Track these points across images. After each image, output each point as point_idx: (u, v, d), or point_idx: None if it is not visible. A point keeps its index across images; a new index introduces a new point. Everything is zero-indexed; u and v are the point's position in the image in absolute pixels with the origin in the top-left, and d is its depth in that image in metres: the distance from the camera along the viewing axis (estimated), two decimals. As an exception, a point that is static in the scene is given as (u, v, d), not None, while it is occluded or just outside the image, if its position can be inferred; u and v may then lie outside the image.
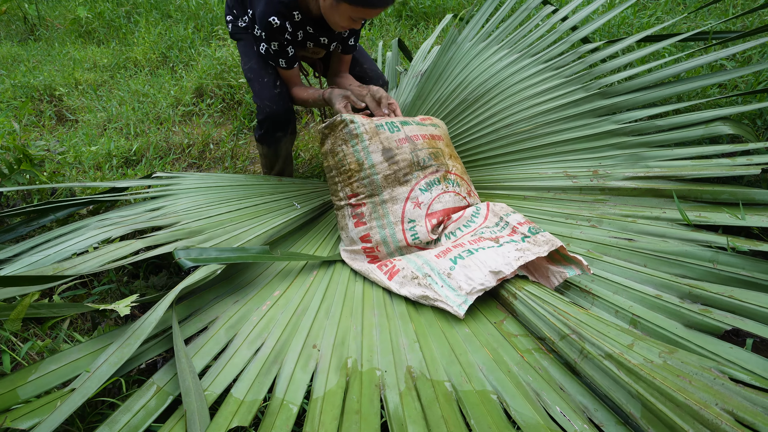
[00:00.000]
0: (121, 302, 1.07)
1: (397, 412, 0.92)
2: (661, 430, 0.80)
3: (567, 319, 1.03)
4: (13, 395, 0.87)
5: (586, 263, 1.22)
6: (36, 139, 2.31)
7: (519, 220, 1.38)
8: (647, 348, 0.94)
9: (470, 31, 2.43)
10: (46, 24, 4.45)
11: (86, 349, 0.99)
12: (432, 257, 1.31)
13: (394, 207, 1.46)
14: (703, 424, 0.75)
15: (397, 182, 1.47)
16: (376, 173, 1.47)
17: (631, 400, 0.85)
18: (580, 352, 0.96)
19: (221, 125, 2.82)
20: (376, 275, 1.35)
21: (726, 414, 0.77)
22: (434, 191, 1.49)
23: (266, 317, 1.19)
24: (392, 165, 1.47)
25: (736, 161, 1.40)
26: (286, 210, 1.66)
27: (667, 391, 0.81)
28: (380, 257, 1.46)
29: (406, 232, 1.44)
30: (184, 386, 0.92)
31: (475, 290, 1.17)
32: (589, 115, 1.78)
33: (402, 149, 1.50)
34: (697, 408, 0.77)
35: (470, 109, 2.03)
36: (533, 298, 1.12)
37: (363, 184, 1.48)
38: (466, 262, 1.23)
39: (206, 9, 4.04)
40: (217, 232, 1.42)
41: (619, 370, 0.89)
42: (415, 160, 1.50)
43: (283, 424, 0.90)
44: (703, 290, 1.07)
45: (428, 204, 1.46)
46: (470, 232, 1.42)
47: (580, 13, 2.18)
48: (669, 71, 1.72)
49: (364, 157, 1.48)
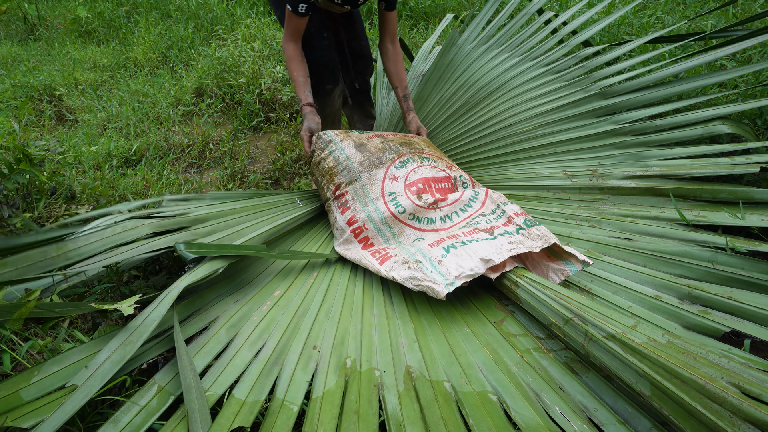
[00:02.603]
0: (124, 302, 1.07)
1: (395, 412, 0.92)
2: (671, 407, 0.80)
3: (569, 304, 1.03)
4: (16, 397, 0.87)
5: (583, 258, 1.20)
6: (36, 139, 2.30)
7: (516, 211, 1.40)
8: (650, 328, 0.93)
9: (470, 34, 2.44)
10: (46, 24, 4.45)
11: (88, 350, 0.99)
12: (426, 246, 1.34)
13: (374, 187, 1.55)
14: (710, 398, 0.75)
15: (372, 166, 1.58)
16: (351, 162, 1.62)
17: (640, 380, 0.85)
18: (585, 334, 0.96)
19: (221, 125, 2.82)
20: (369, 261, 1.36)
21: (732, 387, 0.76)
22: (409, 166, 1.59)
23: (267, 318, 1.19)
24: (365, 153, 1.63)
25: (735, 160, 1.40)
26: (289, 207, 1.67)
27: (672, 368, 0.81)
28: (370, 237, 1.48)
29: (388, 203, 1.50)
30: (186, 386, 0.92)
31: (463, 275, 1.18)
32: (589, 115, 1.78)
33: (372, 141, 1.68)
34: (702, 382, 0.77)
35: (471, 112, 2.03)
36: (535, 285, 1.12)
37: (342, 174, 1.62)
38: (459, 251, 1.25)
39: (206, 9, 4.03)
40: (220, 225, 1.42)
41: (624, 350, 0.89)
42: (386, 146, 1.65)
43: (283, 424, 0.90)
44: (702, 291, 1.08)
45: (405, 176, 1.55)
46: (467, 217, 1.44)
47: (580, 18, 2.18)
48: (669, 71, 1.72)
49: (339, 153, 1.66)
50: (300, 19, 1.75)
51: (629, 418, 0.88)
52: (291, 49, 1.82)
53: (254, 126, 2.77)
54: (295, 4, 1.71)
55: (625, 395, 0.92)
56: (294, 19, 1.75)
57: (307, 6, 1.71)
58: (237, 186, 2.25)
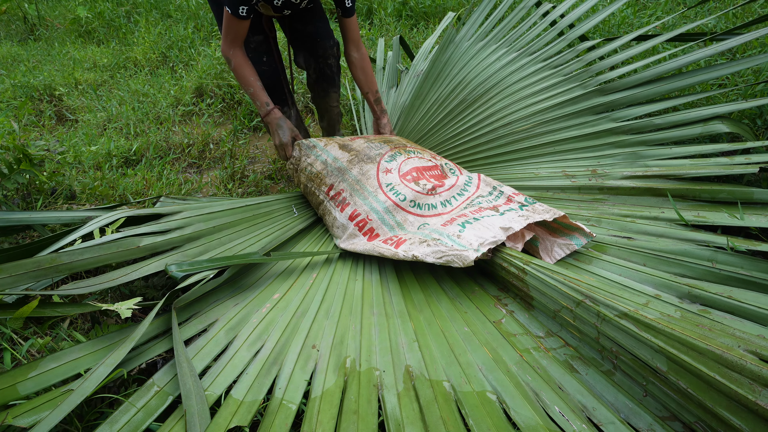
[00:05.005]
0: (123, 304, 1.08)
1: (394, 412, 0.92)
2: (688, 380, 0.80)
3: (578, 286, 1.03)
4: (12, 391, 0.88)
5: (588, 229, 1.27)
6: (36, 139, 2.31)
7: (513, 191, 1.45)
8: (662, 305, 0.93)
9: (468, 31, 2.43)
10: (46, 24, 4.45)
11: (86, 348, 1.00)
12: (438, 226, 1.37)
13: (369, 181, 1.57)
14: (728, 367, 0.75)
15: (362, 162, 1.61)
16: (339, 162, 1.65)
17: (656, 355, 0.85)
18: (597, 315, 0.96)
19: (221, 125, 2.82)
20: (382, 248, 1.37)
21: (750, 354, 0.76)
22: (399, 159, 1.63)
23: (266, 319, 1.19)
24: (351, 152, 1.67)
25: (734, 160, 1.40)
26: (284, 216, 1.67)
27: (688, 340, 0.81)
28: (375, 227, 1.49)
29: (388, 193, 1.52)
30: (185, 388, 0.92)
31: (486, 242, 1.21)
32: (588, 113, 1.78)
33: (356, 142, 1.73)
34: (720, 352, 0.77)
35: (469, 109, 2.03)
36: (543, 271, 1.13)
37: (332, 175, 1.64)
38: (475, 225, 1.30)
39: (206, 9, 4.03)
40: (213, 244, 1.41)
41: (637, 327, 0.89)
42: (371, 145, 1.69)
43: (281, 423, 0.90)
44: (702, 290, 1.07)
45: (397, 168, 1.59)
46: (466, 200, 1.49)
47: (578, 10, 2.18)
48: (668, 66, 1.72)
49: (326, 156, 1.70)
50: (240, 22, 1.62)
51: (630, 415, 0.88)
52: (238, 56, 1.70)
53: (254, 126, 2.77)
54: (234, 6, 1.57)
55: (626, 390, 0.91)
56: (234, 23, 1.63)
57: (247, 9, 1.59)
58: (236, 186, 2.24)
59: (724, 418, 0.75)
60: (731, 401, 0.74)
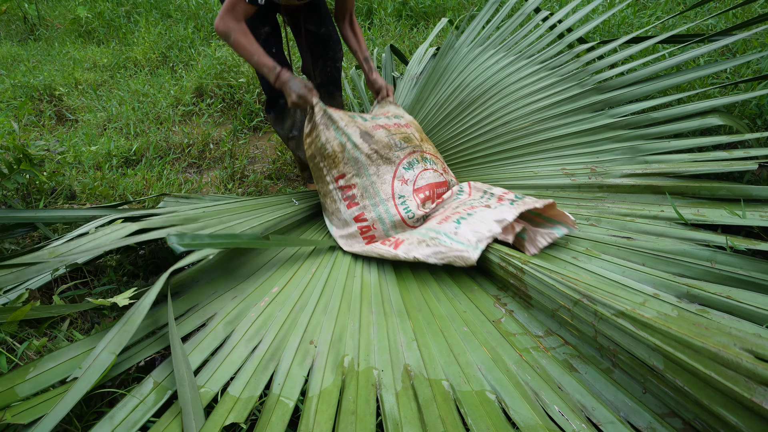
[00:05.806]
0: (120, 296, 1.08)
1: (392, 412, 0.92)
2: (685, 378, 0.80)
3: (576, 285, 1.04)
4: (11, 393, 0.87)
5: (572, 219, 1.30)
6: (36, 139, 2.31)
7: (503, 191, 1.48)
8: (660, 304, 0.94)
9: (467, 36, 2.44)
10: (46, 24, 4.45)
11: (84, 346, 0.99)
12: (434, 224, 1.38)
13: (383, 186, 1.54)
14: (724, 365, 0.75)
15: (380, 161, 1.56)
16: (359, 152, 1.56)
17: (652, 354, 0.85)
18: (594, 314, 0.97)
19: (221, 125, 2.82)
20: (381, 250, 1.39)
21: (745, 353, 0.76)
22: (416, 169, 1.59)
23: (264, 313, 1.19)
24: (372, 144, 1.57)
25: (733, 154, 1.41)
26: (285, 205, 1.67)
27: (684, 339, 0.81)
28: (377, 236, 1.52)
29: (399, 207, 1.52)
30: (179, 379, 0.92)
31: (484, 237, 1.24)
32: (586, 110, 1.79)
33: (378, 133, 1.60)
34: (715, 350, 0.77)
35: (468, 110, 2.03)
36: (541, 270, 1.13)
37: (348, 164, 1.57)
38: (469, 220, 1.32)
39: (206, 9, 4.04)
40: (213, 221, 1.42)
41: (634, 326, 0.89)
42: (392, 142, 1.60)
43: (279, 420, 0.90)
44: (701, 290, 1.07)
45: (413, 180, 1.57)
46: (459, 202, 1.51)
47: (576, 15, 2.19)
48: (665, 64, 1.74)
49: (346, 139, 1.57)
50: (249, 6, 1.53)
51: (629, 413, 0.88)
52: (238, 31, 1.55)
53: (254, 126, 2.77)
54: None
55: (625, 388, 0.91)
56: (242, 4, 1.52)
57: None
58: (236, 186, 2.25)
59: (720, 416, 0.75)
60: (727, 399, 0.74)
